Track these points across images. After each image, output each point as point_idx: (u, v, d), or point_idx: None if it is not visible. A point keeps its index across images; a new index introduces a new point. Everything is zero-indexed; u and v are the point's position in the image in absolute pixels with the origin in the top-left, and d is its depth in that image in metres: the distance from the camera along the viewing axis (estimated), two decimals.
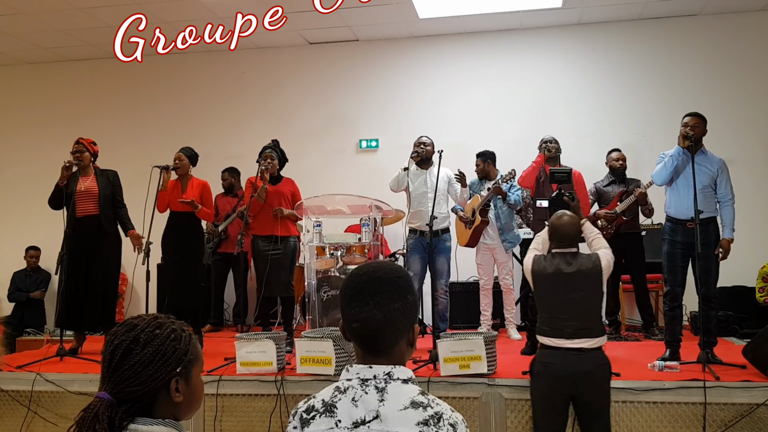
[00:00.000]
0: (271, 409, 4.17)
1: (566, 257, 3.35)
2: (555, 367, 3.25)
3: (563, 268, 3.31)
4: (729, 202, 4.51)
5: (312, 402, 1.45)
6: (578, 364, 3.21)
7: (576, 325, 3.25)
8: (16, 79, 8.36)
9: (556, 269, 3.33)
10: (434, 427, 1.33)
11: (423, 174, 5.44)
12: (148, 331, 1.38)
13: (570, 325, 3.25)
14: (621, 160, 5.91)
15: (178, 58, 8.04)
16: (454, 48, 7.50)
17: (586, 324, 3.26)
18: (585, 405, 3.25)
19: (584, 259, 3.34)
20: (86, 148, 5.21)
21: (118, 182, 5.34)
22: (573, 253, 3.37)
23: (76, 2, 6.44)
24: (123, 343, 1.36)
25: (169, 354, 1.38)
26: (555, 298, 3.34)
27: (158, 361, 1.36)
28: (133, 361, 1.35)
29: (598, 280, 3.31)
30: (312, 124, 7.72)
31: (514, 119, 7.25)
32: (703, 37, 7.02)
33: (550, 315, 3.35)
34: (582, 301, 3.29)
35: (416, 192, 5.43)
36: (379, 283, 1.42)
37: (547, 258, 3.41)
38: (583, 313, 3.28)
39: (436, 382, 4.02)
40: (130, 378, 1.34)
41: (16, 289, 7.58)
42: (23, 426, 4.41)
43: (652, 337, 5.64)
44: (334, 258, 5.44)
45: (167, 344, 1.38)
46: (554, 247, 3.42)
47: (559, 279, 3.32)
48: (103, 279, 5.13)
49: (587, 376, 3.21)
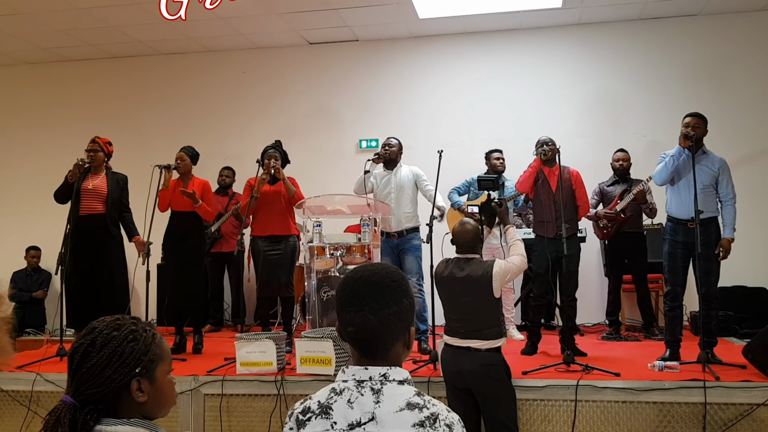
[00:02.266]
0: (271, 409, 4.17)
1: (461, 263, 3.55)
2: (444, 363, 3.58)
3: (456, 272, 3.52)
4: (730, 201, 4.51)
5: (308, 403, 1.45)
6: (464, 362, 3.44)
7: (467, 326, 3.47)
8: (16, 79, 8.36)
9: (450, 273, 3.54)
10: (430, 428, 1.33)
11: (388, 175, 5.42)
12: (105, 333, 1.40)
13: (462, 326, 3.48)
14: (623, 160, 5.91)
15: (178, 58, 8.05)
16: (454, 48, 7.49)
17: (475, 326, 3.45)
18: (480, 399, 3.46)
19: (476, 266, 3.51)
20: (101, 147, 5.24)
21: (126, 186, 5.38)
22: (468, 259, 3.56)
23: (76, 2, 6.44)
24: (81, 346, 1.39)
25: (126, 355, 1.39)
26: (449, 300, 3.59)
27: (115, 362, 1.37)
28: (91, 363, 1.37)
29: (487, 286, 3.46)
30: (312, 124, 7.72)
31: (513, 119, 7.25)
32: (703, 37, 7.02)
33: (447, 315, 3.61)
34: (472, 305, 3.47)
35: (381, 193, 5.40)
36: (374, 287, 1.42)
37: (448, 262, 3.62)
38: (472, 315, 3.47)
39: (436, 382, 4.01)
40: (89, 380, 1.36)
41: (18, 289, 7.58)
42: (23, 426, 4.41)
43: (652, 337, 5.64)
44: (334, 258, 5.43)
45: (124, 345, 1.39)
46: (456, 252, 3.61)
47: (452, 283, 3.53)
48: (111, 277, 5.13)
49: (471, 373, 3.42)
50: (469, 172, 6.05)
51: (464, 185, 6.06)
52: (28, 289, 7.56)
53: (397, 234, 5.28)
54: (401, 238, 5.27)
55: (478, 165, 6.27)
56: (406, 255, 5.25)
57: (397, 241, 5.27)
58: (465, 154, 6.52)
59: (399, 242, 5.27)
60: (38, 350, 5.57)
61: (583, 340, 5.52)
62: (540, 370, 4.15)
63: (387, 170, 5.46)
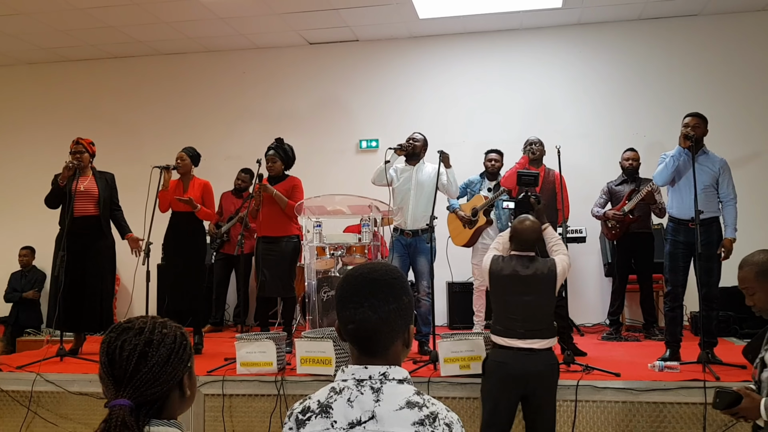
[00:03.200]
0: (271, 409, 4.17)
1: (524, 260, 3.46)
2: (507, 366, 3.34)
3: (520, 270, 3.42)
4: (731, 201, 4.51)
5: (307, 403, 1.45)
6: (529, 364, 3.31)
7: (528, 326, 3.36)
8: (16, 79, 8.36)
9: (513, 271, 3.43)
10: (430, 427, 1.33)
11: (410, 170, 5.24)
12: (158, 331, 1.41)
13: (522, 326, 3.36)
14: (632, 159, 5.90)
15: (178, 58, 8.05)
16: (454, 48, 7.49)
17: (537, 326, 3.37)
18: (534, 404, 3.34)
19: (541, 263, 3.45)
20: (85, 148, 5.21)
21: (114, 185, 5.38)
22: (531, 257, 3.48)
23: (76, 2, 6.44)
24: (137, 347, 1.38)
25: (182, 351, 1.42)
26: (509, 299, 3.44)
27: (174, 359, 1.39)
28: (151, 363, 1.36)
29: (552, 284, 3.42)
30: (312, 125, 7.72)
31: (513, 119, 7.25)
32: (703, 37, 7.02)
33: (504, 315, 3.45)
34: (534, 304, 3.39)
35: (401, 188, 5.20)
36: (374, 284, 1.42)
37: (505, 259, 3.51)
38: (535, 315, 3.39)
39: (437, 383, 4.02)
40: (150, 380, 1.36)
41: (12, 290, 7.59)
42: (23, 426, 4.41)
43: (653, 338, 5.64)
44: (334, 258, 5.43)
45: (177, 342, 1.42)
46: (513, 250, 3.52)
47: (514, 281, 3.42)
48: (100, 280, 5.14)
49: (538, 375, 3.31)
50: (469, 172, 6.04)
51: (461, 187, 5.86)
52: (22, 289, 7.55)
53: (411, 232, 5.09)
54: (415, 237, 5.08)
55: (478, 165, 6.26)
56: (418, 256, 5.08)
57: (411, 240, 5.09)
58: (465, 154, 6.51)
59: (413, 241, 5.09)
60: (38, 350, 5.57)
61: (583, 340, 5.52)
62: None
63: (409, 165, 5.27)
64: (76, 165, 5.10)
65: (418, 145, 5.23)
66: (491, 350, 3.54)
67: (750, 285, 2.61)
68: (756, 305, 2.64)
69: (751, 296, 2.62)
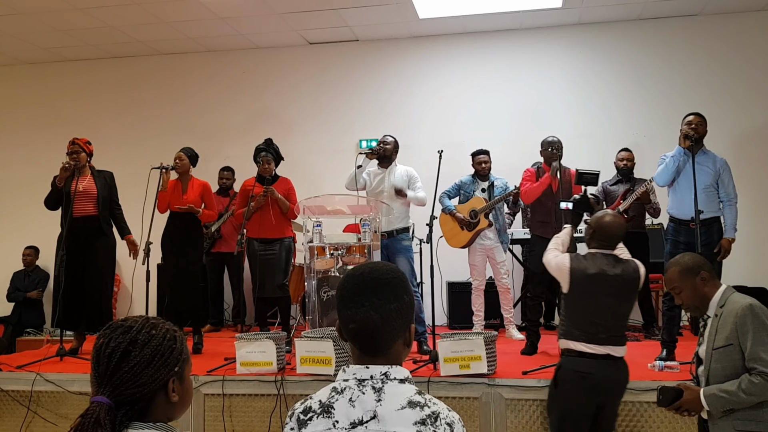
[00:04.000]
0: (271, 409, 4.17)
1: (610, 259, 3.16)
2: (593, 377, 3.03)
3: (607, 269, 3.11)
4: (731, 201, 4.51)
5: (309, 403, 1.45)
6: (614, 373, 3.09)
7: (609, 330, 3.09)
8: (16, 79, 8.36)
9: (600, 270, 3.11)
10: (431, 426, 1.33)
11: (382, 173, 5.35)
12: (145, 331, 1.37)
13: (604, 330, 3.08)
14: (626, 160, 5.91)
15: (178, 58, 8.05)
16: (455, 48, 7.50)
17: (619, 331, 3.13)
18: (605, 413, 3.12)
19: (626, 264, 3.17)
20: (82, 148, 5.21)
21: (114, 183, 5.36)
22: (615, 256, 3.20)
23: (76, 2, 6.44)
24: (120, 345, 1.35)
25: (168, 354, 1.38)
26: (593, 300, 3.11)
27: (157, 361, 1.35)
28: (133, 362, 1.33)
29: (635, 288, 3.18)
30: (312, 124, 7.72)
31: (513, 119, 7.26)
32: (703, 37, 7.02)
33: (585, 318, 3.11)
34: (618, 307, 3.14)
35: (374, 192, 5.32)
36: (375, 283, 1.42)
37: (588, 257, 3.18)
38: (617, 319, 3.14)
39: (437, 382, 4.02)
40: (130, 380, 1.33)
41: (15, 289, 7.59)
42: (23, 426, 4.41)
43: (652, 337, 5.63)
44: (334, 258, 5.43)
45: (165, 344, 1.38)
46: (596, 247, 3.21)
47: (601, 280, 3.10)
48: (100, 279, 5.14)
49: (619, 385, 3.14)
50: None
51: (454, 188, 5.88)
52: (26, 288, 7.56)
53: (386, 234, 5.20)
54: (391, 239, 5.20)
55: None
56: (397, 256, 5.17)
57: (387, 242, 5.20)
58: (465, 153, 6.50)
59: (389, 242, 5.20)
60: (38, 350, 5.57)
61: None
62: (540, 370, 4.14)
63: (381, 168, 5.40)
64: (73, 165, 5.11)
65: (389, 148, 5.33)
66: (568, 358, 3.15)
67: (676, 285, 2.69)
68: (684, 303, 2.71)
69: (678, 295, 2.70)
